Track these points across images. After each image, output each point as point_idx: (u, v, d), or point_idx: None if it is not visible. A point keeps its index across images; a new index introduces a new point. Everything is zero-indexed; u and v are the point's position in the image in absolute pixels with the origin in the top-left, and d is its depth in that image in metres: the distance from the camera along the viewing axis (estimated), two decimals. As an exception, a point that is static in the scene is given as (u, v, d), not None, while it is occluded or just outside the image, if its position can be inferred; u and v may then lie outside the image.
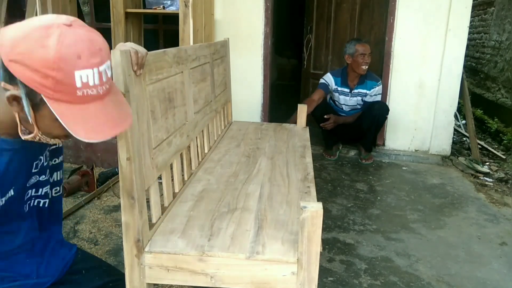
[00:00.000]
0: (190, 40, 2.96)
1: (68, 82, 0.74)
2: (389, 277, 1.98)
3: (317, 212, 1.05)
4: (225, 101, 2.47)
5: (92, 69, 0.75)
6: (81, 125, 0.77)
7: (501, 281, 1.99)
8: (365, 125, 3.44)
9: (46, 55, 0.72)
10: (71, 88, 0.74)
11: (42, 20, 0.76)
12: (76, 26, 0.76)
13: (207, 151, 1.98)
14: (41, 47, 0.72)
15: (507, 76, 5.02)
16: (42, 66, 0.72)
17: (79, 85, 0.74)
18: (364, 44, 3.38)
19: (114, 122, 0.81)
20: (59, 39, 0.73)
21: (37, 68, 0.72)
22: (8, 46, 0.74)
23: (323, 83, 3.52)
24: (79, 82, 0.74)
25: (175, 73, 1.45)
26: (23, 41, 0.73)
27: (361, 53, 3.33)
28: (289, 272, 1.12)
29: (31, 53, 0.72)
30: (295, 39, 7.02)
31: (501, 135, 4.54)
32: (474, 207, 2.79)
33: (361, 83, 3.46)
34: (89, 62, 0.75)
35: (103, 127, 0.79)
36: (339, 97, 3.56)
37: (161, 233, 1.23)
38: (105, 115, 0.80)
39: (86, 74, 0.75)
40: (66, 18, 0.77)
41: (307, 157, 1.99)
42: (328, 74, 3.56)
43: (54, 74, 0.72)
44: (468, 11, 3.48)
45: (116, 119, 0.82)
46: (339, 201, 2.80)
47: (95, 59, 0.76)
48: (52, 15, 0.78)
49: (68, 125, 0.76)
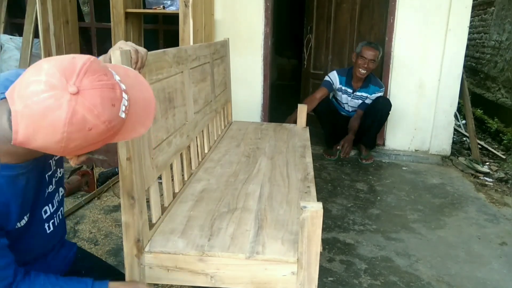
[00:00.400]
0: (190, 40, 2.96)
1: (119, 124, 0.79)
2: (389, 277, 1.98)
3: (317, 212, 1.05)
4: (225, 101, 2.47)
5: (123, 98, 0.79)
6: (137, 127, 0.84)
7: (501, 281, 1.99)
8: (368, 121, 3.44)
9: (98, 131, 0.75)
10: (121, 121, 0.80)
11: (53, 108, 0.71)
12: (80, 84, 0.73)
13: (207, 151, 1.98)
14: (89, 131, 0.74)
15: (507, 76, 5.02)
16: (100, 137, 0.76)
17: (123, 116, 0.79)
18: (372, 49, 3.31)
19: (145, 97, 0.87)
20: (94, 114, 0.73)
21: (97, 140, 0.77)
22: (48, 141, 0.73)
23: (328, 81, 3.50)
24: (123, 115, 0.79)
25: (175, 73, 1.45)
26: (69, 140, 0.73)
27: (363, 56, 3.30)
28: (289, 272, 1.12)
29: (86, 139, 0.75)
30: (295, 39, 7.02)
31: (501, 135, 4.54)
32: (474, 207, 2.79)
33: (365, 87, 3.45)
34: (118, 98, 0.78)
35: (145, 108, 0.86)
36: (342, 96, 3.56)
37: (161, 233, 1.23)
38: (139, 102, 0.85)
39: (123, 105, 0.79)
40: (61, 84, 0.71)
41: (307, 157, 1.99)
42: (334, 72, 3.53)
43: (111, 132, 0.77)
44: (468, 11, 3.48)
45: (143, 92, 0.87)
46: (339, 201, 2.80)
47: (117, 90, 0.78)
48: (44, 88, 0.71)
49: (132, 137, 0.85)
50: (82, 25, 3.84)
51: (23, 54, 3.50)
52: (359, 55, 3.35)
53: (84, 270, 1.16)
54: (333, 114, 3.61)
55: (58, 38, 3.47)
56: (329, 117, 3.55)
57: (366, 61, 3.30)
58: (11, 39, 3.62)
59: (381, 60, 3.68)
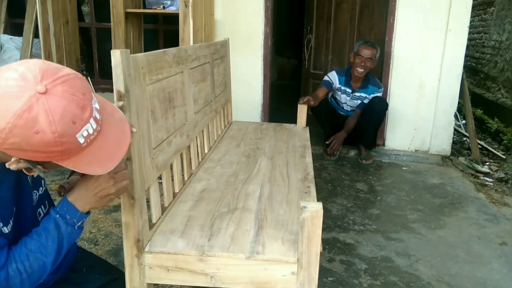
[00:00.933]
0: (190, 40, 2.96)
1: (72, 145, 0.73)
2: (389, 277, 1.98)
3: (317, 212, 1.05)
4: (225, 101, 2.47)
5: (89, 123, 0.74)
6: (94, 164, 0.78)
7: (501, 281, 1.99)
8: (365, 122, 3.44)
9: (44, 138, 0.69)
10: (77, 146, 0.74)
11: (16, 96, 0.68)
12: (51, 89, 0.70)
13: (207, 151, 1.98)
14: (35, 134, 0.69)
15: (507, 76, 5.02)
16: (44, 147, 0.71)
17: (82, 141, 0.74)
18: (369, 47, 3.33)
19: (119, 141, 0.82)
20: (48, 119, 0.69)
21: (39, 149, 0.71)
22: None
23: (327, 81, 3.51)
24: (82, 139, 0.74)
25: (175, 73, 1.45)
26: (11, 133, 0.68)
27: (360, 55, 3.32)
28: (289, 272, 1.12)
29: (28, 141, 0.69)
30: (295, 39, 7.02)
31: (501, 135, 4.54)
32: (474, 207, 2.79)
33: (364, 87, 3.45)
34: (83, 120, 0.73)
35: (113, 152, 0.81)
36: (341, 96, 3.56)
37: (161, 233, 1.23)
38: (109, 142, 0.81)
39: (86, 129, 0.74)
40: (35, 80, 0.70)
41: (307, 157, 1.99)
42: (334, 72, 3.54)
43: (59, 148, 0.72)
44: (468, 11, 3.48)
45: (120, 138, 0.83)
46: (339, 201, 2.80)
47: (86, 112, 0.74)
48: (18, 80, 0.70)
49: (84, 170, 0.78)
50: (82, 25, 3.85)
51: (23, 54, 3.50)
52: (356, 54, 3.36)
53: (85, 268, 1.17)
54: (332, 114, 3.61)
55: (58, 38, 3.47)
56: (328, 117, 3.56)
57: (363, 59, 3.32)
58: (11, 39, 3.63)
59: (381, 60, 3.69)
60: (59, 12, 3.46)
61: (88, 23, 3.90)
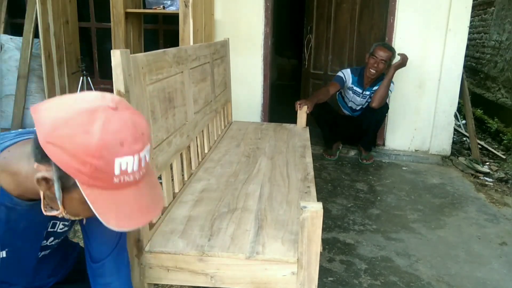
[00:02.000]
0: (190, 40, 2.96)
1: (107, 169, 0.69)
2: (389, 277, 1.98)
3: (317, 212, 1.05)
4: (225, 101, 2.47)
5: (133, 156, 0.71)
6: (113, 213, 0.72)
7: (501, 281, 1.99)
8: (364, 124, 3.43)
9: (88, 142, 0.67)
10: (109, 175, 0.70)
11: (88, 102, 0.71)
12: (122, 109, 0.72)
13: (207, 151, 1.98)
14: (84, 133, 0.67)
15: (507, 76, 5.02)
16: (82, 152, 0.68)
17: (117, 172, 0.70)
18: (385, 49, 3.27)
19: (147, 208, 0.77)
20: (103, 126, 0.68)
21: (77, 154, 0.68)
22: (48, 126, 0.68)
23: (341, 77, 3.45)
24: (117, 170, 0.70)
25: (175, 73, 1.45)
26: (65, 125, 0.68)
27: (375, 56, 3.26)
28: (289, 272, 1.12)
29: (73, 138, 0.67)
30: (295, 39, 7.02)
31: (501, 135, 4.54)
32: (474, 207, 2.79)
33: (374, 85, 3.40)
34: (131, 149, 0.71)
35: (136, 214, 0.75)
36: (350, 95, 3.53)
37: (161, 233, 1.23)
38: (138, 202, 0.75)
39: (126, 161, 0.70)
40: (112, 99, 0.73)
41: (307, 157, 1.99)
42: (348, 70, 3.49)
43: (95, 162, 0.68)
44: (468, 11, 3.48)
45: (149, 205, 0.78)
46: (339, 201, 2.80)
47: (137, 146, 0.72)
48: (98, 95, 0.73)
49: (99, 213, 0.71)
50: (82, 25, 3.85)
51: (23, 54, 3.50)
52: (371, 54, 3.31)
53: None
54: (330, 114, 3.58)
55: (58, 38, 3.47)
56: (326, 118, 3.52)
57: (377, 60, 3.26)
58: (11, 39, 3.63)
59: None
60: (59, 12, 3.46)
61: (88, 23, 3.90)
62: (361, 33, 4.03)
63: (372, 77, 3.35)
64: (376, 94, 3.31)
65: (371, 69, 3.30)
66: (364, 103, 3.51)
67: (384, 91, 3.29)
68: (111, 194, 0.71)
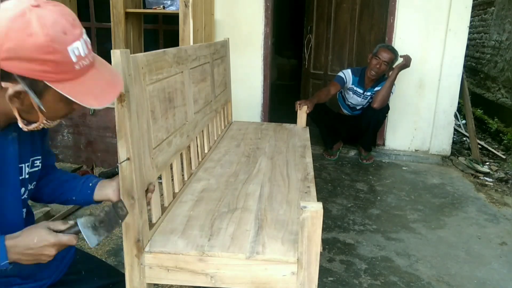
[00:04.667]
0: (190, 40, 2.96)
1: (65, 60, 0.76)
2: (389, 277, 1.98)
3: (317, 212, 1.05)
4: (225, 101, 2.47)
5: (79, 40, 0.78)
6: (90, 95, 0.80)
7: (501, 281, 1.99)
8: (364, 124, 3.43)
9: (37, 41, 0.73)
10: (70, 65, 0.77)
11: (11, 9, 0.75)
12: (43, 5, 0.77)
13: (207, 151, 1.98)
14: (28, 36, 0.73)
15: (507, 76, 5.02)
16: (38, 53, 0.73)
17: (74, 59, 0.77)
18: (388, 51, 3.27)
19: (113, 81, 0.86)
20: (40, 23, 0.74)
21: (34, 57, 0.73)
22: None
23: (341, 78, 3.44)
24: (74, 57, 0.77)
25: (175, 73, 1.45)
26: (6, 37, 0.73)
27: (378, 57, 3.26)
28: (289, 272, 1.12)
29: (22, 45, 0.73)
30: (295, 39, 7.02)
31: (501, 135, 4.54)
32: (474, 207, 2.79)
33: (375, 86, 3.41)
34: (74, 35, 0.78)
35: (107, 89, 0.84)
36: (350, 95, 3.53)
37: (161, 233, 1.23)
38: (104, 79, 0.84)
39: (77, 46, 0.77)
40: (28, 0, 0.77)
41: (307, 157, 1.99)
42: (348, 70, 3.48)
43: (52, 57, 0.74)
44: (468, 11, 3.48)
45: (113, 79, 0.87)
46: (339, 201, 2.80)
47: (77, 30, 0.79)
48: (13, 0, 0.77)
49: (79, 100, 0.78)
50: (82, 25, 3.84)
51: (23, 54, 3.50)
52: (374, 55, 3.30)
53: (83, 271, 1.16)
54: (328, 115, 3.58)
55: (58, 38, 3.46)
56: (324, 118, 3.51)
57: (380, 62, 3.26)
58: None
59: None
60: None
61: (88, 23, 3.90)
62: (361, 33, 4.03)
63: (372, 78, 3.34)
64: (378, 95, 3.31)
65: (372, 70, 3.30)
66: (365, 103, 3.51)
67: (387, 92, 3.29)
68: (79, 82, 0.79)
